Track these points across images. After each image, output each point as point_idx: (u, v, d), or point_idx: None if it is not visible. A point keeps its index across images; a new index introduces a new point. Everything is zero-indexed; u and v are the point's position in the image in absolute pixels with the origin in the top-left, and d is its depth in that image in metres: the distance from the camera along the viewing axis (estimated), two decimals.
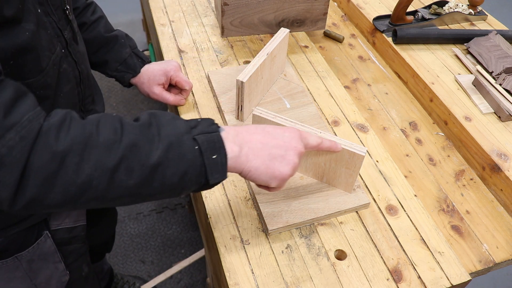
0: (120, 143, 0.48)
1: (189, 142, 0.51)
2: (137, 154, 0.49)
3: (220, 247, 0.70)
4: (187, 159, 0.51)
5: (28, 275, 0.77)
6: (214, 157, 0.52)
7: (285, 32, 0.93)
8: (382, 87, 1.07)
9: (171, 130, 0.51)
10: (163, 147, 0.50)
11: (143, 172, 0.49)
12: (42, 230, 0.76)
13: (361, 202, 0.76)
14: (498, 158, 0.84)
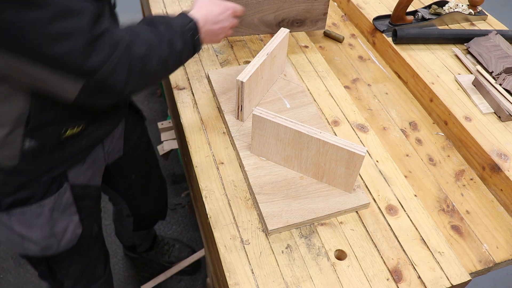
0: (163, 42, 0.73)
1: (187, 34, 0.77)
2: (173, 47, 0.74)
3: (220, 247, 0.70)
4: (189, 44, 0.78)
5: (48, 223, 0.85)
6: (196, 38, 0.79)
7: (285, 32, 0.93)
8: (382, 87, 1.07)
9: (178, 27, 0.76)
10: (180, 41, 0.76)
11: (177, 55, 0.76)
12: (63, 182, 0.85)
13: (361, 202, 0.76)
14: (498, 158, 0.84)
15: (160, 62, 0.72)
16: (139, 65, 0.67)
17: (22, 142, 0.73)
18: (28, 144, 0.74)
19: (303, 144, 0.74)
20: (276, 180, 0.79)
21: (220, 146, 0.86)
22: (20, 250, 0.88)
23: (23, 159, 0.75)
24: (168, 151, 1.86)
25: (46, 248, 0.88)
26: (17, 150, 0.73)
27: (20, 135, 0.72)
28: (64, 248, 0.91)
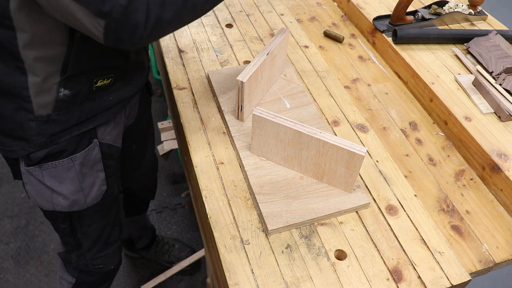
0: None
1: None
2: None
3: (220, 247, 0.70)
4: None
5: (78, 177, 0.90)
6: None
7: (285, 32, 0.93)
8: (382, 87, 1.07)
9: None
10: None
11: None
12: (92, 138, 0.89)
13: (361, 202, 0.76)
14: (498, 158, 0.84)
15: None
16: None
17: (58, 89, 0.78)
18: (62, 92, 0.78)
19: (303, 144, 0.74)
20: (276, 180, 0.79)
21: (220, 146, 0.86)
22: (49, 205, 0.92)
23: (57, 108, 0.79)
24: (168, 151, 1.86)
25: (74, 203, 0.93)
26: (53, 98, 0.78)
27: (56, 82, 0.77)
28: (90, 204, 0.96)
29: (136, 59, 0.92)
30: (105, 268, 1.16)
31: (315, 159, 0.75)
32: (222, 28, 1.18)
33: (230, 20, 1.21)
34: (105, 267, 1.16)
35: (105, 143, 0.94)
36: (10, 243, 1.77)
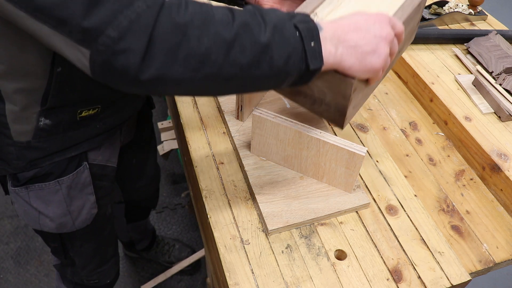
0: (234, 22, 0.51)
1: (291, 28, 0.54)
2: (249, 32, 0.51)
3: (220, 247, 0.70)
4: (290, 43, 0.53)
5: (65, 201, 0.85)
6: (312, 44, 0.54)
7: None
8: (382, 87, 1.07)
9: (274, 17, 0.54)
10: (270, 30, 0.52)
11: (254, 50, 0.51)
12: (82, 161, 0.84)
13: (361, 202, 0.76)
14: (498, 158, 0.84)
15: (217, 45, 0.49)
16: (173, 37, 0.47)
17: (37, 119, 0.73)
18: (43, 121, 0.73)
19: (303, 144, 0.74)
20: (276, 180, 0.79)
21: (220, 146, 0.86)
22: (36, 225, 0.89)
23: (37, 136, 0.74)
24: (168, 151, 1.86)
25: (61, 226, 0.90)
26: (32, 126, 0.73)
27: (36, 112, 0.72)
28: (79, 227, 0.92)
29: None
30: (101, 282, 1.14)
31: (315, 159, 0.75)
32: None
33: None
34: (100, 281, 1.13)
35: (97, 164, 0.88)
36: (10, 243, 1.78)
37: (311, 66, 0.55)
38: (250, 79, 0.54)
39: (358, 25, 0.58)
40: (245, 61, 0.51)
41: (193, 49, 0.48)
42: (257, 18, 0.53)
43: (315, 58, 0.55)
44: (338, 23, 0.58)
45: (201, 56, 0.49)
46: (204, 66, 0.50)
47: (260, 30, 0.52)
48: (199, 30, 0.49)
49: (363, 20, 0.59)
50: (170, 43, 0.47)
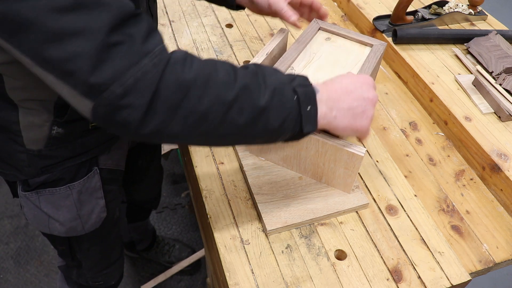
0: (235, 83, 0.53)
1: (290, 92, 0.56)
2: (248, 95, 0.53)
3: (220, 247, 0.70)
4: (287, 107, 0.56)
5: (75, 205, 0.85)
6: (308, 108, 0.57)
7: (284, 32, 0.93)
8: (382, 87, 1.07)
9: (275, 80, 0.56)
10: (269, 93, 0.55)
11: (252, 113, 0.54)
12: (92, 166, 0.84)
13: (360, 202, 0.76)
14: (498, 158, 0.84)
15: (217, 106, 0.51)
16: (175, 96, 0.49)
17: (50, 128, 0.73)
18: (55, 130, 0.73)
19: (302, 144, 0.74)
20: (275, 180, 0.78)
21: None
22: (46, 229, 0.89)
23: (49, 144, 0.75)
24: (168, 151, 1.86)
25: (71, 230, 0.90)
26: (45, 134, 0.74)
27: (49, 121, 0.72)
28: (88, 231, 0.92)
29: None
30: (106, 284, 1.15)
31: (314, 160, 0.75)
32: (222, 28, 1.18)
33: (230, 20, 1.21)
34: (105, 283, 1.14)
35: (107, 168, 0.88)
36: (10, 243, 1.77)
37: (305, 129, 0.58)
38: (244, 136, 0.57)
39: (348, 88, 0.62)
40: (241, 122, 0.54)
41: (193, 108, 0.50)
42: (258, 79, 0.55)
43: (310, 122, 0.58)
44: (330, 86, 0.62)
45: (200, 115, 0.51)
46: (201, 125, 0.52)
47: (259, 92, 0.54)
48: (201, 90, 0.50)
49: (352, 83, 0.63)
50: (172, 101, 0.49)
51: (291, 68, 0.82)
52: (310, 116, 0.58)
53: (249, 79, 0.54)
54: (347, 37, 0.90)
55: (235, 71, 0.54)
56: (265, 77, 0.56)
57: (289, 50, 0.84)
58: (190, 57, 0.52)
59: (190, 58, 0.52)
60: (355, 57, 0.87)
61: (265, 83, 0.55)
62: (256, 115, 0.54)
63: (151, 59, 0.48)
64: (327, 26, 0.92)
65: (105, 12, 0.46)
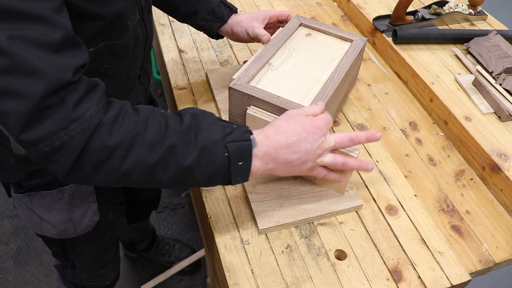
0: (163, 143, 0.55)
1: (221, 149, 0.58)
2: (174, 156, 0.56)
3: (220, 247, 0.70)
4: (216, 164, 0.58)
5: (67, 208, 0.86)
6: (240, 164, 0.59)
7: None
8: (382, 87, 1.07)
9: (207, 136, 0.58)
10: (197, 151, 0.57)
11: (176, 172, 0.57)
12: None
13: (353, 204, 0.76)
14: (498, 158, 0.84)
15: (140, 166, 0.55)
16: (100, 156, 0.53)
17: None
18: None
19: None
20: (269, 180, 0.78)
21: None
22: (38, 230, 0.90)
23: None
24: None
25: (63, 232, 0.90)
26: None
27: None
28: (80, 233, 0.93)
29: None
30: (101, 284, 1.15)
31: None
32: None
33: None
34: (100, 283, 1.14)
35: None
36: (10, 243, 1.77)
37: (233, 182, 0.61)
38: (171, 187, 0.61)
39: (290, 141, 0.62)
40: (166, 178, 0.57)
41: (116, 168, 0.54)
42: (190, 136, 0.57)
43: (240, 175, 0.60)
44: (273, 138, 0.62)
45: (122, 173, 0.55)
46: (126, 180, 0.56)
47: (187, 152, 0.56)
48: (126, 151, 0.54)
49: (297, 133, 0.63)
50: (96, 161, 0.53)
51: (269, 64, 0.82)
52: (240, 171, 0.60)
53: (179, 138, 0.56)
54: (327, 32, 0.90)
55: (167, 128, 0.57)
56: (198, 133, 0.58)
57: (267, 45, 0.84)
58: (122, 117, 0.55)
59: (122, 118, 0.54)
60: (334, 52, 0.87)
61: (196, 139, 0.57)
62: (181, 174, 0.57)
63: (79, 124, 0.51)
64: (308, 22, 0.92)
65: (41, 80, 0.48)
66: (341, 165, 0.67)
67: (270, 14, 0.92)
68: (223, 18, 0.92)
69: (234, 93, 0.76)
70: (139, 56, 0.79)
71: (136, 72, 0.82)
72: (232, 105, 0.79)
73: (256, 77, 0.79)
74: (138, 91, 0.86)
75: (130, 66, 0.75)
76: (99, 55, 0.66)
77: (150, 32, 0.83)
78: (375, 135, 0.69)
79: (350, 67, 0.81)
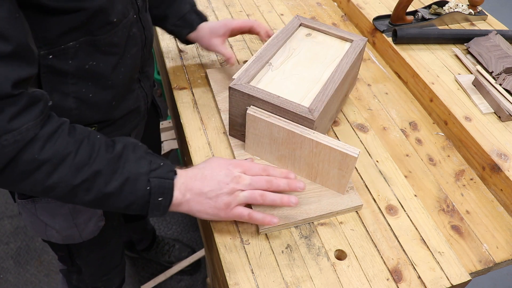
0: (89, 168, 0.59)
1: (144, 182, 0.62)
2: (98, 180, 0.60)
3: (220, 247, 0.70)
4: (136, 195, 0.62)
5: (71, 214, 0.86)
6: (159, 199, 0.63)
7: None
8: (382, 87, 1.07)
9: (133, 167, 0.62)
10: (120, 181, 0.61)
11: (97, 195, 0.61)
12: None
13: (353, 204, 0.76)
14: (498, 158, 0.84)
15: (63, 184, 0.59)
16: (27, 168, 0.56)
17: None
18: None
19: (296, 144, 0.74)
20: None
21: (220, 146, 0.86)
22: (43, 236, 0.90)
23: None
24: (168, 151, 1.86)
25: (68, 238, 0.91)
26: None
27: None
28: (85, 239, 0.93)
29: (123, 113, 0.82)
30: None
31: (308, 160, 0.75)
32: None
33: None
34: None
35: None
36: (10, 243, 1.77)
37: (150, 214, 0.64)
38: (92, 207, 0.64)
39: (205, 173, 0.67)
40: (86, 199, 0.61)
41: (41, 181, 0.57)
42: (118, 164, 0.61)
43: (157, 210, 0.64)
44: (189, 172, 0.67)
45: (46, 187, 0.58)
46: (48, 193, 0.59)
47: (110, 179, 0.60)
48: (53, 168, 0.57)
49: (210, 168, 0.68)
50: (23, 172, 0.56)
51: (269, 64, 0.82)
52: (159, 205, 0.63)
53: (106, 164, 0.60)
54: (327, 32, 0.90)
55: (98, 153, 0.60)
56: (125, 163, 0.62)
57: (267, 45, 0.84)
58: (58, 135, 0.58)
59: (57, 136, 0.58)
60: (334, 52, 0.87)
61: (123, 169, 0.61)
62: (101, 198, 0.61)
63: (13, 135, 0.53)
64: (308, 22, 0.92)
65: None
66: (259, 197, 0.67)
67: (231, 27, 0.94)
68: (192, 25, 0.94)
69: (234, 93, 0.76)
70: (136, 57, 0.78)
71: (134, 74, 0.81)
72: (232, 105, 0.79)
73: (256, 77, 0.79)
74: (138, 95, 0.85)
75: (122, 65, 0.74)
76: (82, 50, 0.65)
77: (149, 34, 0.82)
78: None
79: (350, 67, 0.81)
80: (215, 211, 0.66)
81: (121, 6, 0.69)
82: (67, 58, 0.64)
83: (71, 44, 0.63)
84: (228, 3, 1.28)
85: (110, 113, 0.78)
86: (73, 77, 0.68)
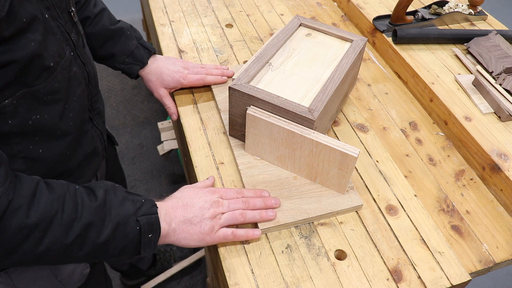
0: (79, 222, 0.57)
1: (134, 223, 0.61)
2: (90, 233, 0.58)
3: (220, 247, 0.70)
4: (128, 237, 0.61)
5: (53, 273, 0.81)
6: (149, 236, 0.62)
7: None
8: (382, 87, 1.07)
9: (121, 211, 0.61)
10: (111, 227, 0.59)
11: (92, 248, 0.59)
12: None
13: (354, 204, 0.76)
14: (498, 158, 0.84)
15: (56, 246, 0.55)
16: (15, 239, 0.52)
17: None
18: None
19: (296, 144, 0.74)
20: (269, 180, 0.78)
21: (220, 146, 0.86)
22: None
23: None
24: (168, 151, 1.86)
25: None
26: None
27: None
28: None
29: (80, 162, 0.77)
30: None
31: (308, 160, 0.75)
32: (222, 28, 1.18)
33: (230, 20, 1.21)
34: None
35: None
36: None
37: (142, 253, 0.63)
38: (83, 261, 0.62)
39: (185, 201, 0.68)
40: (80, 254, 0.58)
41: (32, 249, 0.54)
42: (105, 211, 0.59)
43: (149, 247, 0.63)
44: (168, 202, 0.67)
45: (38, 254, 0.55)
46: (40, 260, 0.56)
47: (102, 228, 0.58)
48: (42, 233, 0.54)
49: (189, 196, 0.68)
50: (10, 244, 0.52)
51: (269, 64, 0.82)
52: (150, 242, 0.63)
53: (95, 214, 0.58)
54: (327, 32, 0.90)
55: (83, 205, 0.58)
56: (111, 208, 0.60)
57: (267, 45, 0.84)
58: (39, 196, 0.54)
59: (39, 196, 0.54)
60: (334, 52, 0.87)
61: (111, 215, 0.59)
62: (96, 250, 0.59)
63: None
64: (308, 22, 0.92)
65: None
66: (240, 216, 0.69)
67: (183, 84, 0.94)
68: (143, 61, 0.93)
69: (234, 93, 0.76)
70: (82, 98, 0.72)
71: (85, 115, 0.75)
72: (232, 105, 0.79)
73: (256, 77, 0.79)
74: (92, 136, 0.79)
75: (70, 111, 0.68)
76: (21, 106, 0.59)
77: (91, 68, 0.77)
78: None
79: (350, 67, 0.81)
80: (201, 236, 0.67)
81: (55, 47, 0.62)
82: (5, 118, 0.58)
83: (7, 102, 0.57)
84: (228, 3, 1.28)
85: (66, 164, 0.72)
86: (16, 137, 0.61)
